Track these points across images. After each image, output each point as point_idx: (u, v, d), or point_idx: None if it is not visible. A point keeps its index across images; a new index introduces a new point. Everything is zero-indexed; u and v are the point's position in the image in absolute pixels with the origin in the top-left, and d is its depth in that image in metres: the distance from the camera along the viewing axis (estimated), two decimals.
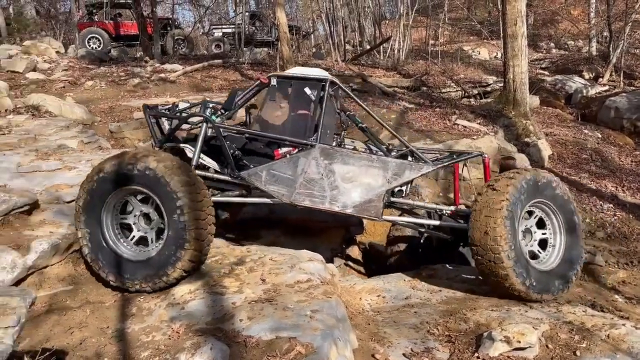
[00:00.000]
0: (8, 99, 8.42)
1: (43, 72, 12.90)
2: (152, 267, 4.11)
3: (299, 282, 4.13)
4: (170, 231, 4.11)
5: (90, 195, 4.29)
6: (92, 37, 19.27)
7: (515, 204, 4.38)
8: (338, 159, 4.71)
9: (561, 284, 4.52)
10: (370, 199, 4.70)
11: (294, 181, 4.66)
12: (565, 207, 4.70)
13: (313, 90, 4.94)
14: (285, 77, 5.15)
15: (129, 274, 4.14)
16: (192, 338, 3.39)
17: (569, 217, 4.70)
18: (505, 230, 4.26)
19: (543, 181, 4.62)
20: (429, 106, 11.02)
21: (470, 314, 4.14)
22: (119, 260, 4.21)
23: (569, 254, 4.65)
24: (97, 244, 4.28)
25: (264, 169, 4.71)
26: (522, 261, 4.33)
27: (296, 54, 17.66)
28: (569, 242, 4.67)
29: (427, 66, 15.14)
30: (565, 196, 4.71)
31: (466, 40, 22.72)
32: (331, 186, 4.68)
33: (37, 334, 3.70)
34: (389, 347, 3.78)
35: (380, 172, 4.72)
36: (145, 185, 4.17)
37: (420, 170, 4.86)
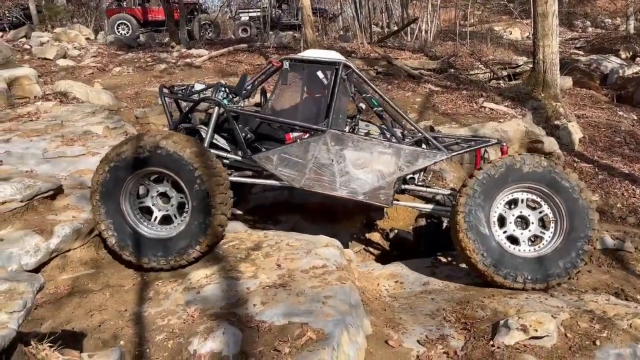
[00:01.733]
0: (37, 85, 8.60)
1: (73, 59, 13.13)
2: (186, 238, 4.30)
3: (314, 267, 4.13)
4: (194, 202, 4.28)
5: (105, 187, 4.41)
6: (120, 24, 19.52)
7: (482, 193, 4.35)
8: (349, 144, 4.69)
9: (560, 271, 4.29)
10: (381, 185, 4.70)
11: (304, 166, 4.70)
12: (563, 192, 4.39)
13: (326, 73, 4.88)
14: (298, 60, 5.08)
15: (162, 252, 4.32)
16: (206, 322, 3.43)
17: (568, 203, 4.39)
18: (464, 221, 4.30)
19: (524, 166, 4.38)
20: (455, 89, 10.79)
21: (488, 301, 4.07)
22: (149, 242, 4.39)
23: (567, 240, 4.37)
24: (122, 231, 4.42)
25: (275, 152, 4.74)
26: (492, 249, 4.29)
27: (322, 37, 17.52)
28: (568, 228, 4.38)
29: (455, 48, 14.81)
30: (564, 181, 4.39)
31: (497, 20, 22.12)
32: (341, 172, 4.69)
33: (59, 315, 3.81)
34: (403, 334, 3.76)
35: (392, 159, 4.69)
36: (160, 165, 4.31)
37: (434, 158, 4.78)
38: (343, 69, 4.84)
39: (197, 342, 3.24)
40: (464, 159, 8.06)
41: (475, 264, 4.32)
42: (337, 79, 4.78)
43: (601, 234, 5.88)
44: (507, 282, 4.28)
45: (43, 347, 2.09)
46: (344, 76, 4.87)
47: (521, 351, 3.34)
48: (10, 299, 2.02)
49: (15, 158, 5.65)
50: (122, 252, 4.41)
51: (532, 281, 4.28)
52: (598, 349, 3.33)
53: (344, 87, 4.90)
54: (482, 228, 4.34)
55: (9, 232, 4.26)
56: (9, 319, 1.91)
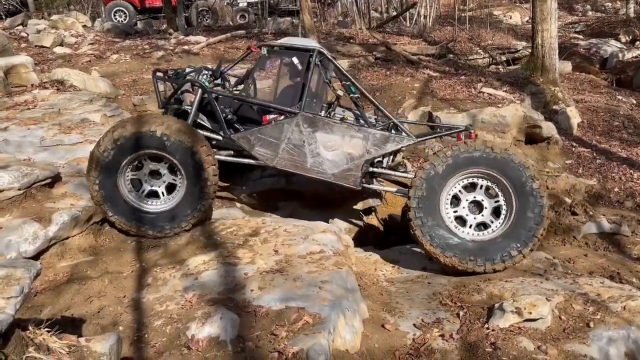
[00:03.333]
0: (34, 73, 8.56)
1: (70, 47, 13.06)
2: (187, 206, 4.68)
3: (311, 253, 4.16)
4: (187, 180, 4.68)
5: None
6: (117, 10, 19.37)
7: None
8: (320, 127, 4.96)
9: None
10: (349, 167, 4.96)
11: (278, 146, 4.97)
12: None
13: (300, 59, 5.12)
14: (275, 46, 5.42)
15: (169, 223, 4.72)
16: (204, 308, 3.46)
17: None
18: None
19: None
20: (454, 74, 10.75)
21: (484, 285, 4.11)
22: (149, 216, 4.75)
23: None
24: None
25: (252, 132, 5.04)
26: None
27: (320, 23, 17.42)
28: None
29: (454, 33, 14.73)
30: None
31: (497, 5, 21.96)
32: (312, 153, 4.96)
33: (59, 302, 3.84)
34: (399, 318, 3.80)
35: (361, 143, 4.93)
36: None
37: (400, 142, 5.02)
38: (317, 55, 5.07)
39: (195, 327, 3.27)
40: None
41: (423, 244, 4.48)
42: (310, 65, 5.02)
43: (599, 218, 5.91)
44: (452, 260, 4.40)
45: (41, 332, 2.12)
46: (318, 62, 5.09)
47: (515, 334, 3.39)
48: (7, 285, 2.04)
49: (13, 146, 5.66)
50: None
51: (475, 262, 4.37)
52: (592, 331, 3.37)
53: (318, 72, 5.17)
54: (432, 211, 4.48)
55: (7, 220, 4.29)
56: (6, 304, 1.94)
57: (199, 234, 4.71)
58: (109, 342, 2.22)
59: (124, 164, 4.66)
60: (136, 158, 4.71)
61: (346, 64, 11.37)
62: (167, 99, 5.40)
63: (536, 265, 4.60)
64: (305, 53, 5.13)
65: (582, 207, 6.08)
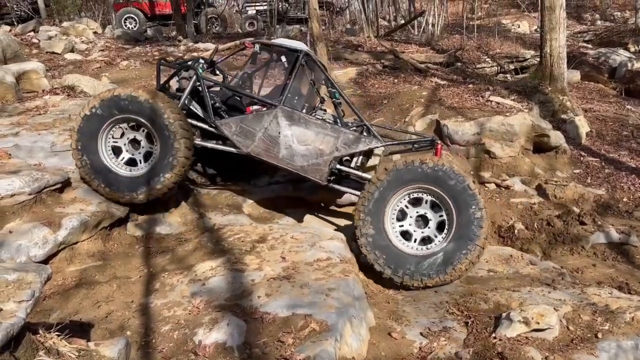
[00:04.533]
0: (45, 79, 8.64)
1: (80, 53, 13.18)
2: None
3: (318, 260, 4.17)
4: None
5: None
6: (128, 17, 19.55)
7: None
8: (296, 121, 5.20)
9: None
10: (318, 162, 5.17)
11: (255, 135, 5.20)
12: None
13: (288, 58, 5.45)
14: (267, 44, 5.85)
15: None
16: (211, 314, 3.48)
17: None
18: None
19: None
20: (462, 82, 10.74)
21: (491, 294, 4.10)
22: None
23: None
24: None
25: (234, 120, 5.28)
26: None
27: (328, 31, 17.49)
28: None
29: (462, 41, 14.73)
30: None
31: (505, 14, 21.95)
32: (285, 145, 5.18)
33: (67, 306, 3.87)
34: (406, 326, 3.80)
35: (331, 140, 5.16)
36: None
37: (368, 144, 5.24)
38: (304, 56, 5.37)
39: (202, 333, 3.29)
40: (470, 154, 8.08)
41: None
42: (296, 64, 5.32)
43: (607, 228, 5.88)
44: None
45: (51, 335, 2.14)
46: (303, 63, 5.38)
47: (523, 343, 3.37)
48: (19, 289, 2.07)
49: (24, 151, 5.70)
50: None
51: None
52: (600, 342, 3.35)
53: (302, 72, 5.46)
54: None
55: (17, 225, 4.33)
56: (18, 307, 1.96)
57: (207, 240, 4.74)
58: (118, 346, 2.23)
59: (103, 129, 4.98)
60: (115, 122, 5.01)
61: (354, 72, 11.41)
62: (163, 83, 5.69)
63: (544, 274, 4.59)
64: (293, 53, 5.43)
65: (590, 217, 6.05)
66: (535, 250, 5.91)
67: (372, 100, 9.75)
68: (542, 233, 6.11)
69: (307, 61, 5.46)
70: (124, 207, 5.10)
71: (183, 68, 5.66)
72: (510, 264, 4.86)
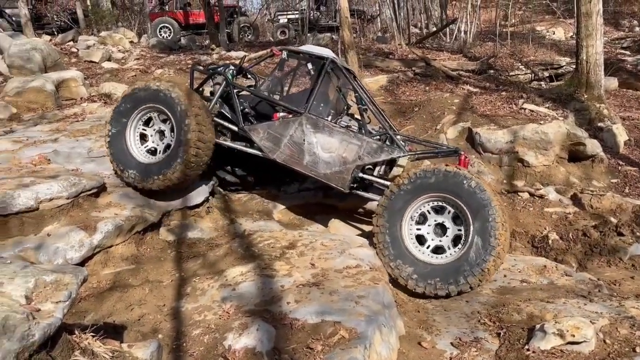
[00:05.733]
0: (83, 87, 8.93)
1: (117, 62, 13.54)
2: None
3: (347, 267, 4.16)
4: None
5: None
6: (163, 27, 20.00)
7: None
8: (321, 129, 5.26)
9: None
10: (340, 170, 5.21)
11: (280, 141, 5.32)
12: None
13: (314, 65, 5.55)
14: (294, 51, 5.90)
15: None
16: (241, 319, 3.50)
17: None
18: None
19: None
20: (494, 90, 10.59)
21: (524, 305, 4.01)
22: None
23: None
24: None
25: (262, 126, 5.41)
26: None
27: (360, 39, 17.51)
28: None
29: (495, 48, 14.54)
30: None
31: (540, 20, 21.58)
32: (310, 152, 5.26)
33: (101, 309, 3.95)
34: (436, 335, 3.75)
35: (355, 148, 5.19)
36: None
37: (391, 153, 5.22)
38: (330, 64, 5.43)
39: (232, 338, 3.31)
40: (503, 162, 7.95)
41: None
42: (322, 72, 5.38)
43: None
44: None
45: (86, 336, 2.19)
46: (329, 70, 5.44)
47: (557, 356, 3.29)
48: (56, 290, 2.12)
49: (62, 157, 5.88)
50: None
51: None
52: (638, 356, 3.24)
53: (328, 79, 5.53)
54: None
55: (55, 228, 4.46)
56: (55, 308, 2.02)
57: (238, 246, 4.78)
58: (150, 348, 2.27)
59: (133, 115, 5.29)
60: (142, 111, 5.28)
61: (385, 79, 11.39)
62: (197, 88, 5.90)
63: (579, 286, 4.47)
64: (319, 60, 5.52)
65: (628, 228, 5.86)
66: (570, 261, 5.76)
67: (403, 108, 9.71)
68: (577, 244, 5.96)
69: (333, 68, 5.52)
70: (157, 212, 5.20)
71: (214, 74, 5.81)
72: (545, 275, 4.75)
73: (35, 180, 4.71)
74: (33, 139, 6.27)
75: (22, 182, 4.65)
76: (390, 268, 4.53)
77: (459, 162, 5.22)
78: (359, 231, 5.88)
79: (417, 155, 5.72)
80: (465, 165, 5.20)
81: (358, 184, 5.43)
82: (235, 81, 5.75)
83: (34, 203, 4.39)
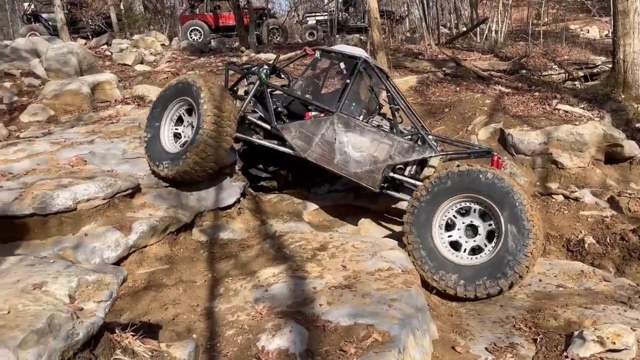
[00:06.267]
0: (117, 90, 9.10)
1: (149, 64, 13.77)
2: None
3: (379, 270, 4.14)
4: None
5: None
6: (193, 29, 20.28)
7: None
8: (352, 128, 5.28)
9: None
10: (371, 169, 5.20)
11: (312, 140, 5.36)
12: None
13: (347, 65, 5.57)
14: (327, 51, 5.97)
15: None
16: (274, 320, 3.51)
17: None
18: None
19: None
20: (527, 90, 10.41)
21: (561, 310, 3.92)
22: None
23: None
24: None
25: (294, 125, 5.48)
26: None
27: (389, 39, 17.43)
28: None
29: (527, 48, 14.29)
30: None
31: (573, 19, 21.12)
32: (341, 151, 5.27)
33: (137, 308, 4.02)
34: (470, 340, 3.70)
35: (386, 148, 5.19)
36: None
37: (422, 153, 5.21)
38: (362, 63, 5.45)
39: (265, 339, 3.32)
40: (536, 164, 7.81)
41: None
42: (354, 71, 5.40)
43: None
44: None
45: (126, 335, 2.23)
46: (362, 69, 5.46)
47: None
48: (98, 289, 2.17)
49: (98, 158, 5.99)
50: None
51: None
52: None
53: (360, 79, 5.56)
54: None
55: (92, 228, 4.56)
56: (97, 307, 2.06)
57: (269, 247, 4.80)
58: (188, 348, 2.30)
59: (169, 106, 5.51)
60: (177, 103, 5.47)
61: (414, 80, 11.30)
62: (231, 87, 6.06)
63: (619, 292, 4.35)
64: (352, 60, 5.54)
65: None
66: (607, 266, 5.62)
67: (433, 109, 9.62)
68: (615, 248, 5.81)
69: (365, 68, 5.53)
70: (189, 213, 5.26)
71: (249, 73, 5.91)
72: (581, 280, 4.63)
73: (73, 181, 4.81)
74: (70, 140, 6.41)
75: (61, 182, 4.76)
76: (435, 282, 4.43)
77: (491, 163, 5.15)
78: (389, 232, 5.85)
79: (449, 156, 5.66)
80: (499, 166, 5.12)
81: (389, 183, 5.40)
82: (268, 80, 5.82)
83: (72, 203, 4.50)
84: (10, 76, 10.11)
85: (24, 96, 9.05)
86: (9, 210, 4.32)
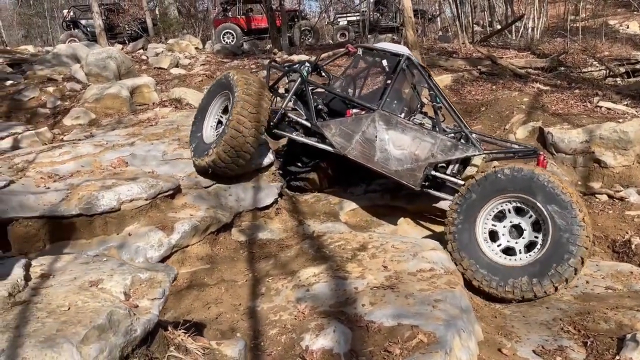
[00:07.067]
0: (155, 93, 9.29)
1: (184, 68, 13.99)
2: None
3: (421, 270, 4.09)
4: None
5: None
6: (226, 33, 20.53)
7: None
8: (394, 126, 5.22)
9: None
10: (412, 167, 5.14)
11: (352, 137, 5.33)
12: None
13: (389, 63, 5.52)
14: (370, 48, 5.91)
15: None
16: (317, 319, 3.51)
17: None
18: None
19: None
20: (566, 87, 10.16)
21: (612, 313, 3.81)
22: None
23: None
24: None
25: (335, 122, 5.47)
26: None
27: (422, 38, 17.28)
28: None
29: (565, 44, 13.95)
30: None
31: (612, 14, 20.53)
32: (381, 148, 5.22)
33: (180, 307, 4.08)
34: (517, 342, 3.62)
35: (427, 146, 5.10)
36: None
37: (465, 152, 5.10)
38: (405, 60, 5.40)
39: (308, 339, 3.32)
40: (577, 163, 7.61)
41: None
42: (397, 68, 5.36)
43: None
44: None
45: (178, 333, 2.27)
46: (405, 67, 5.41)
47: None
48: (151, 287, 2.21)
49: (139, 160, 6.11)
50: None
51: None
52: None
53: (403, 76, 5.50)
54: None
55: (136, 228, 4.65)
56: (151, 305, 2.10)
57: (308, 247, 4.81)
58: (238, 347, 2.32)
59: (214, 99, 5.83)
60: (220, 96, 5.75)
61: (449, 79, 11.17)
62: (272, 84, 6.16)
63: None
64: (394, 57, 5.49)
65: None
66: None
67: (469, 108, 9.49)
68: None
69: (408, 65, 5.48)
70: (229, 213, 5.32)
71: (290, 71, 5.96)
72: (631, 282, 4.49)
73: (117, 182, 4.92)
74: (112, 142, 6.55)
75: (105, 184, 4.88)
76: (510, 292, 4.32)
77: (537, 162, 5.03)
78: (428, 232, 5.79)
79: (493, 155, 5.56)
80: (545, 166, 5.00)
81: (430, 182, 5.33)
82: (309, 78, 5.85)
83: (116, 204, 4.60)
84: (53, 81, 10.43)
85: (66, 100, 9.32)
86: (57, 210, 4.44)
